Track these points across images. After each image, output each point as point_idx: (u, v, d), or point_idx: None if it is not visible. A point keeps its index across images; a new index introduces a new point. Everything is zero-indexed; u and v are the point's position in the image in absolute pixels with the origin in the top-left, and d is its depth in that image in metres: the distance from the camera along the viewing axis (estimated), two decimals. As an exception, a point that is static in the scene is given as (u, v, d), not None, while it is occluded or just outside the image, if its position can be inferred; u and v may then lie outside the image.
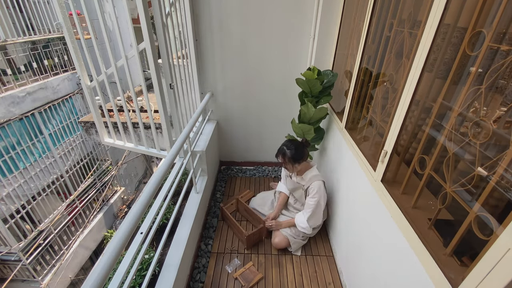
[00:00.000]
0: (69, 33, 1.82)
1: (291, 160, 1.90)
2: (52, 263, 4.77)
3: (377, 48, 1.59)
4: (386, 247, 1.26)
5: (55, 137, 5.12)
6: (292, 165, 1.93)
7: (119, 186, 6.80)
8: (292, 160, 1.90)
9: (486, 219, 0.78)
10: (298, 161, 1.92)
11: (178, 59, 2.10)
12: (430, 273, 0.91)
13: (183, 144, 1.69)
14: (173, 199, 2.05)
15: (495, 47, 0.82)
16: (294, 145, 1.92)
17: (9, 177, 4.18)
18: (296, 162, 1.91)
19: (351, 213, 1.78)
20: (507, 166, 0.74)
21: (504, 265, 0.64)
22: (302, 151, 1.92)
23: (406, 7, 1.31)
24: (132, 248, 1.27)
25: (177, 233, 1.73)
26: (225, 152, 3.17)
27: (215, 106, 2.84)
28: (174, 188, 1.67)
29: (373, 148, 1.58)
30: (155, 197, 1.56)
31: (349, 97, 1.89)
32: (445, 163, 0.96)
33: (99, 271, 0.81)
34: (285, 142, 2.00)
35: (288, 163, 1.93)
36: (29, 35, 4.83)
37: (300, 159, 1.92)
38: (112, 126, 2.34)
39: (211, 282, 1.88)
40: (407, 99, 1.12)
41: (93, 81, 2.08)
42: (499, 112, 0.80)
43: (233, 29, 2.40)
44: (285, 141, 2.01)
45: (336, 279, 1.92)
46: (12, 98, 4.30)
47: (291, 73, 2.56)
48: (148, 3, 1.55)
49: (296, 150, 1.90)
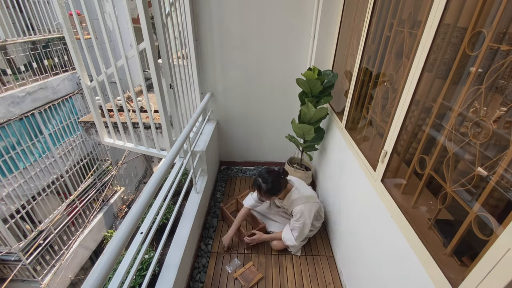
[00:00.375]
0: (69, 33, 1.82)
1: (267, 194, 1.82)
2: (52, 263, 4.77)
3: (377, 48, 1.59)
4: (386, 247, 1.26)
5: (55, 137, 5.12)
6: (269, 197, 1.86)
7: (119, 186, 6.80)
8: (268, 194, 1.82)
9: (486, 219, 0.78)
10: (275, 194, 1.84)
11: (178, 59, 2.10)
12: (430, 273, 0.91)
13: (183, 144, 1.69)
14: (173, 199, 2.05)
15: (495, 47, 0.82)
16: (271, 178, 1.79)
17: (9, 177, 4.18)
18: (273, 195, 1.84)
19: (351, 213, 1.78)
20: (507, 166, 0.74)
21: (504, 265, 0.64)
22: (278, 184, 1.82)
23: (406, 7, 1.31)
24: (132, 248, 1.27)
25: (177, 233, 1.73)
26: (225, 152, 3.17)
27: (215, 106, 2.84)
28: (174, 188, 1.67)
29: (373, 148, 1.58)
30: (155, 197, 1.56)
31: (349, 97, 1.89)
32: (445, 163, 0.96)
33: (99, 271, 0.81)
34: (261, 171, 1.87)
35: (264, 196, 1.85)
36: (29, 35, 4.82)
37: (277, 192, 1.84)
38: (112, 126, 2.34)
39: (211, 282, 1.88)
40: (407, 99, 1.12)
41: (93, 81, 2.08)
42: (499, 112, 0.80)
43: (233, 29, 2.40)
44: (261, 171, 1.88)
45: (336, 279, 1.92)
46: (12, 98, 4.30)
47: (291, 73, 2.56)
48: (148, 3, 1.55)
49: (272, 184, 1.79)
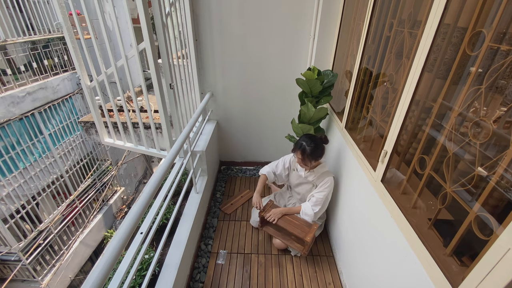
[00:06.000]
0: (69, 33, 1.82)
1: (309, 157, 1.83)
2: (52, 263, 4.77)
3: (377, 48, 1.59)
4: (386, 247, 1.26)
5: (55, 137, 5.12)
6: (310, 161, 1.86)
7: (119, 186, 6.80)
8: (310, 157, 1.84)
9: (486, 219, 0.78)
10: (316, 158, 1.86)
11: (178, 59, 2.10)
12: (430, 273, 0.91)
13: (183, 144, 1.69)
14: (173, 199, 2.05)
15: (495, 47, 0.82)
16: (315, 142, 1.84)
17: (9, 177, 4.18)
18: (314, 159, 1.86)
19: (351, 213, 1.78)
20: (507, 166, 0.74)
21: (504, 265, 0.64)
22: (322, 148, 1.86)
23: (406, 7, 1.31)
24: (132, 248, 1.27)
25: (177, 233, 1.73)
26: (225, 152, 3.17)
27: (215, 106, 2.84)
28: (174, 188, 1.67)
29: (373, 148, 1.58)
30: (155, 197, 1.56)
31: (349, 97, 1.89)
32: (445, 163, 0.96)
33: (99, 271, 0.81)
34: (303, 137, 1.92)
35: (307, 159, 1.86)
36: (29, 35, 4.83)
37: (320, 156, 1.87)
38: (112, 126, 2.34)
39: (211, 282, 1.88)
40: (407, 99, 1.12)
41: (93, 81, 2.08)
42: (499, 112, 0.80)
43: (233, 29, 2.40)
44: (303, 136, 1.93)
45: (336, 279, 1.92)
46: (12, 98, 4.30)
47: (291, 73, 2.56)
48: (148, 3, 1.55)
49: (316, 147, 1.82)
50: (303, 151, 1.84)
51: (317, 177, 1.96)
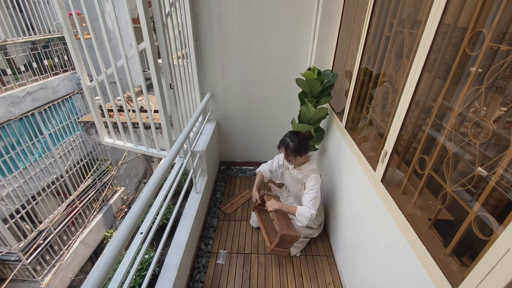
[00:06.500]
0: (69, 33, 1.82)
1: (293, 153, 1.87)
2: (52, 263, 4.77)
3: (377, 48, 1.59)
4: (386, 247, 1.26)
5: (55, 137, 5.12)
6: (294, 157, 1.89)
7: (119, 186, 6.80)
8: (294, 153, 1.87)
9: (486, 219, 0.78)
10: (300, 154, 1.88)
11: (178, 59, 2.10)
12: (430, 273, 0.91)
13: (183, 144, 1.69)
14: (173, 199, 2.05)
15: (495, 47, 0.82)
16: (298, 138, 1.87)
17: (9, 177, 4.18)
18: (298, 155, 1.88)
19: (351, 213, 1.78)
20: (507, 166, 0.74)
21: (504, 265, 0.64)
22: (305, 144, 1.89)
23: (406, 7, 1.31)
24: (132, 248, 1.27)
25: (177, 233, 1.73)
26: (225, 152, 3.17)
27: (215, 106, 2.84)
28: (174, 188, 1.67)
29: (373, 148, 1.58)
30: (155, 197, 1.56)
31: (349, 97, 1.89)
32: (445, 163, 0.96)
33: (99, 271, 0.81)
34: (288, 133, 1.95)
35: (291, 155, 1.89)
36: (29, 35, 4.83)
37: (303, 152, 1.88)
38: (112, 126, 2.34)
39: (211, 282, 1.88)
40: (407, 99, 1.12)
41: (93, 81, 2.08)
42: (499, 112, 0.80)
43: (233, 29, 2.40)
44: (288, 133, 1.97)
45: (336, 279, 1.92)
46: (12, 98, 4.30)
47: (291, 73, 2.56)
48: (148, 3, 1.55)
49: (299, 143, 1.86)
50: (287, 146, 1.87)
51: (304, 175, 1.95)
